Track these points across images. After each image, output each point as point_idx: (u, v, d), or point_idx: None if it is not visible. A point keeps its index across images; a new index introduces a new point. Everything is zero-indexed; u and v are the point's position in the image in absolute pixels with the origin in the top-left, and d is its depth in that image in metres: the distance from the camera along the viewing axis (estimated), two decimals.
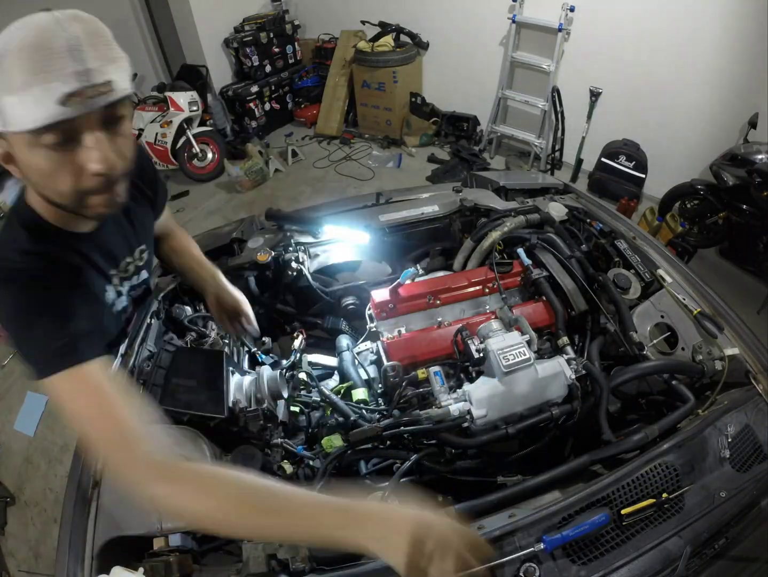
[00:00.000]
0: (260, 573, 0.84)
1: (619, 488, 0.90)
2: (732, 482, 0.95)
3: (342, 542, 0.61)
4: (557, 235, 1.44)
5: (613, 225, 1.56)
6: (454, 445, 1.04)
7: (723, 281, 3.06)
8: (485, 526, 0.87)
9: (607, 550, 0.85)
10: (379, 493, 1.00)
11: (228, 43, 4.90)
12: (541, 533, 0.84)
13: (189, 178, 4.61)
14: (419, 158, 4.54)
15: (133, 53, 5.10)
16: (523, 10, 3.84)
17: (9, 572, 2.07)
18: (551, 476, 0.98)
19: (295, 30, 5.17)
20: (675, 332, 1.22)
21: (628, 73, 3.56)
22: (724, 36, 3.05)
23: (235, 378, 1.17)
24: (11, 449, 2.65)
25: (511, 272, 1.38)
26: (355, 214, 1.68)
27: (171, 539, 0.91)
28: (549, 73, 3.86)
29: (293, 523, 0.64)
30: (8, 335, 0.72)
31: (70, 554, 0.91)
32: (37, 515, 2.28)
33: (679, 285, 1.33)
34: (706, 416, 1.04)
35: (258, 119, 5.07)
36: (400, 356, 1.18)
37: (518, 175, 3.28)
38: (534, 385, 1.04)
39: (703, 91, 3.29)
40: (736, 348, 1.16)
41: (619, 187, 3.75)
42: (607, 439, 1.03)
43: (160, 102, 4.45)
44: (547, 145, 4.20)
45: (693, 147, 3.48)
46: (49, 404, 2.87)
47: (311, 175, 4.59)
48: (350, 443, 1.05)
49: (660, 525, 0.88)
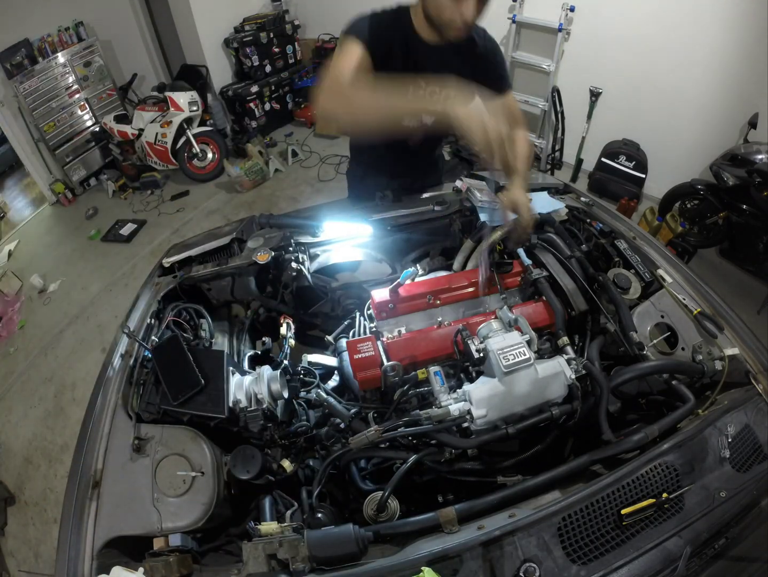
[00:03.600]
0: (260, 573, 0.84)
1: (619, 488, 0.90)
2: (732, 482, 0.95)
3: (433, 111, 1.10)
4: (557, 235, 1.44)
5: (613, 225, 1.56)
6: (454, 445, 1.04)
7: (723, 281, 3.07)
8: (485, 526, 0.87)
9: (607, 550, 0.85)
10: (379, 493, 1.00)
11: (228, 43, 4.90)
12: (541, 533, 0.84)
13: (189, 178, 4.62)
14: None
15: (133, 53, 5.11)
16: (523, 10, 3.84)
17: (9, 572, 2.07)
18: (551, 476, 0.98)
19: (295, 30, 5.17)
20: (675, 332, 1.22)
21: (628, 73, 3.56)
22: (725, 36, 3.05)
23: (235, 378, 1.17)
24: (11, 449, 2.65)
25: (511, 272, 1.38)
26: (355, 215, 1.68)
27: (171, 539, 0.91)
28: (549, 73, 3.86)
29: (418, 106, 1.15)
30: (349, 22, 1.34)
31: (70, 554, 0.91)
32: (37, 515, 2.29)
33: (679, 285, 1.33)
34: (706, 416, 1.04)
35: (258, 119, 5.07)
36: (400, 356, 1.18)
37: None
38: (534, 385, 1.03)
39: (703, 91, 3.29)
40: (736, 348, 1.16)
41: (619, 187, 3.75)
42: (607, 439, 1.02)
43: (160, 102, 4.46)
44: (547, 145, 4.20)
45: (693, 147, 3.48)
46: (49, 404, 2.88)
47: (311, 175, 4.59)
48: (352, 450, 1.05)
49: (660, 525, 0.88)
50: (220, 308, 1.65)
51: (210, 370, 1.13)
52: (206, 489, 0.99)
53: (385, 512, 1.00)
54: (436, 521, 0.90)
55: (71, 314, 3.53)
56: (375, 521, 0.99)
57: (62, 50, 4.39)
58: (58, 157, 4.63)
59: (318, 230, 1.59)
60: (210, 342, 1.43)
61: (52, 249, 4.37)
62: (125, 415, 1.11)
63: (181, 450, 1.03)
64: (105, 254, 4.10)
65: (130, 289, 3.53)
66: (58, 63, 4.37)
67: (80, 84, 4.56)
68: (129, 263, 3.90)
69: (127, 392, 1.17)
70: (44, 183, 4.82)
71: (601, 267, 1.45)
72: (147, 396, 1.16)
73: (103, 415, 1.13)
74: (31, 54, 4.24)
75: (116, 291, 3.63)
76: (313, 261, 1.58)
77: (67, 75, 4.46)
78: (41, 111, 4.37)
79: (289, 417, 1.25)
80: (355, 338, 1.24)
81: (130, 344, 1.30)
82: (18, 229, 4.84)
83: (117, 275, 3.81)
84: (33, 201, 5.31)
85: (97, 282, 3.79)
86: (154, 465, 1.01)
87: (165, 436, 1.06)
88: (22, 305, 3.78)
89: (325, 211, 1.78)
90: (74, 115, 4.63)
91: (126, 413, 1.12)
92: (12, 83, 4.15)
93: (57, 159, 4.65)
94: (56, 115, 4.48)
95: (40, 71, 4.26)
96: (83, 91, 4.61)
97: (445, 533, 0.89)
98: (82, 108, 4.67)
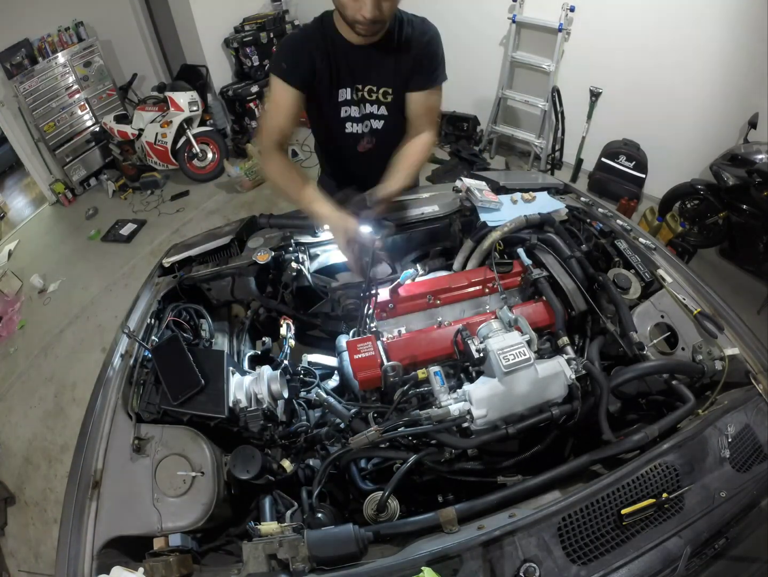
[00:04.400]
0: (260, 573, 0.84)
1: (619, 488, 0.90)
2: (732, 482, 0.95)
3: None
4: (557, 236, 1.44)
5: (613, 225, 1.56)
6: (454, 445, 1.04)
7: (723, 281, 3.07)
8: (485, 526, 0.87)
9: (607, 550, 0.85)
10: (379, 493, 1.00)
11: (228, 43, 4.90)
12: (541, 533, 0.84)
13: (189, 178, 4.62)
14: None
15: (133, 53, 5.11)
16: (523, 10, 3.84)
17: (9, 572, 2.07)
18: (551, 476, 0.98)
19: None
20: (675, 332, 1.22)
21: (628, 73, 3.56)
22: (725, 36, 3.05)
23: (235, 378, 1.17)
24: (11, 449, 2.65)
25: (511, 272, 1.38)
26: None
27: (171, 539, 0.91)
28: (549, 73, 3.86)
29: (298, 202, 1.37)
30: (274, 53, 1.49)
31: (70, 554, 0.91)
32: (37, 515, 2.29)
33: (679, 285, 1.33)
34: (706, 416, 1.04)
35: (258, 119, 5.07)
36: (400, 356, 1.18)
37: (518, 176, 3.28)
38: (534, 385, 1.03)
39: (703, 91, 3.29)
40: (736, 348, 1.16)
41: (619, 187, 3.75)
42: (607, 439, 1.02)
43: (160, 102, 4.45)
44: (547, 145, 4.19)
45: (693, 147, 3.47)
46: (49, 404, 2.88)
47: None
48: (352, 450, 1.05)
49: (660, 525, 0.88)
50: (220, 308, 1.65)
51: (210, 370, 1.13)
52: (206, 489, 0.99)
53: (385, 512, 1.00)
54: (436, 521, 0.90)
55: (71, 314, 3.53)
56: (375, 521, 0.99)
57: (62, 50, 4.39)
58: (58, 157, 4.63)
59: (318, 230, 1.59)
60: (210, 342, 1.43)
61: (52, 249, 4.37)
62: (125, 415, 1.11)
63: (181, 450, 1.03)
64: (105, 254, 4.11)
65: (130, 289, 3.53)
66: (58, 63, 4.37)
67: (80, 84, 4.56)
68: (129, 263, 3.90)
69: (127, 392, 1.17)
70: (44, 183, 4.82)
71: (601, 267, 1.45)
72: (147, 396, 1.16)
73: (103, 415, 1.13)
74: (31, 54, 4.24)
75: (116, 291, 3.63)
76: (313, 261, 1.58)
77: (67, 75, 4.46)
78: (41, 111, 4.37)
79: (289, 417, 1.25)
80: (355, 338, 1.24)
81: (130, 344, 1.30)
82: (18, 229, 4.84)
83: (117, 275, 3.81)
84: (33, 201, 5.31)
85: (97, 282, 3.79)
86: (154, 465, 1.01)
87: (165, 436, 1.06)
88: (22, 305, 3.78)
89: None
90: (74, 115, 4.63)
91: (126, 413, 1.12)
92: (12, 83, 4.15)
93: (57, 159, 4.65)
94: (56, 115, 4.48)
95: (40, 71, 4.26)
96: (83, 91, 4.61)
97: (445, 533, 0.89)
98: (82, 108, 4.67)
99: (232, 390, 1.12)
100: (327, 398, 1.22)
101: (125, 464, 1.03)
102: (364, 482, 1.11)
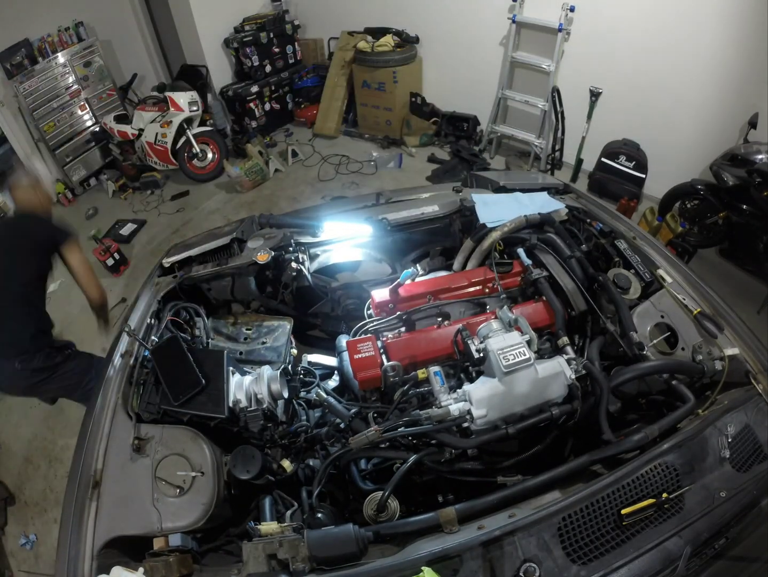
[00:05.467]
0: (260, 573, 0.84)
1: (619, 488, 0.90)
2: (732, 482, 0.95)
3: None
4: (557, 236, 1.44)
5: (613, 225, 1.56)
6: (454, 445, 1.04)
7: (723, 281, 3.06)
8: (485, 526, 0.87)
9: (607, 550, 0.85)
10: (379, 493, 1.00)
11: (228, 43, 4.90)
12: (541, 533, 0.84)
13: (189, 178, 4.62)
14: (419, 158, 4.54)
15: (133, 53, 5.11)
16: (523, 10, 3.84)
17: (11, 570, 2.07)
18: (551, 476, 0.98)
19: (295, 30, 5.17)
20: (675, 332, 1.22)
21: (628, 73, 3.56)
22: (724, 36, 3.05)
23: (235, 378, 1.17)
24: (11, 449, 2.65)
25: (511, 272, 1.38)
26: (354, 215, 1.68)
27: (171, 539, 0.91)
28: (549, 73, 3.86)
29: None
30: None
31: (70, 554, 0.91)
32: (37, 515, 2.28)
33: (679, 285, 1.33)
34: (706, 416, 1.04)
35: (258, 119, 5.07)
36: (400, 356, 1.18)
37: (518, 176, 3.28)
38: (534, 385, 1.03)
39: (703, 91, 3.29)
40: (736, 348, 1.16)
41: (619, 187, 3.74)
42: (607, 439, 1.02)
43: (160, 102, 4.45)
44: (547, 145, 4.19)
45: (693, 147, 3.47)
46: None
47: (311, 175, 4.59)
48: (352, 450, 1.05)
49: (660, 525, 0.88)
50: (220, 308, 1.65)
51: (210, 370, 1.13)
52: (206, 489, 0.99)
53: (385, 512, 1.00)
54: (436, 521, 0.90)
55: (71, 314, 3.53)
56: (375, 521, 0.99)
57: (62, 50, 4.38)
58: (58, 157, 4.63)
59: (318, 230, 1.59)
60: (207, 342, 1.43)
61: None
62: (125, 415, 1.11)
63: (181, 450, 1.03)
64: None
65: (130, 289, 3.53)
66: (58, 63, 4.37)
67: (80, 84, 4.56)
68: (129, 263, 3.90)
69: (127, 392, 1.17)
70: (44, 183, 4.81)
71: (601, 267, 1.45)
72: (147, 396, 1.16)
73: (103, 415, 1.13)
74: (31, 54, 4.24)
75: (116, 291, 3.63)
76: (313, 261, 1.58)
77: (67, 75, 4.45)
78: (41, 111, 4.36)
79: (289, 417, 1.25)
80: (355, 338, 1.24)
81: (130, 343, 1.30)
82: None
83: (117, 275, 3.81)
84: None
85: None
86: (154, 465, 1.01)
87: (165, 436, 1.06)
88: None
89: (327, 210, 1.78)
90: (74, 115, 4.63)
91: (126, 413, 1.12)
92: (12, 83, 4.14)
93: (57, 159, 4.65)
94: (56, 115, 4.48)
95: (40, 71, 4.26)
96: (83, 91, 4.60)
97: (445, 533, 0.89)
98: (82, 108, 4.66)
99: (232, 390, 1.12)
100: (327, 398, 1.22)
101: (125, 464, 1.03)
102: (364, 482, 1.11)
